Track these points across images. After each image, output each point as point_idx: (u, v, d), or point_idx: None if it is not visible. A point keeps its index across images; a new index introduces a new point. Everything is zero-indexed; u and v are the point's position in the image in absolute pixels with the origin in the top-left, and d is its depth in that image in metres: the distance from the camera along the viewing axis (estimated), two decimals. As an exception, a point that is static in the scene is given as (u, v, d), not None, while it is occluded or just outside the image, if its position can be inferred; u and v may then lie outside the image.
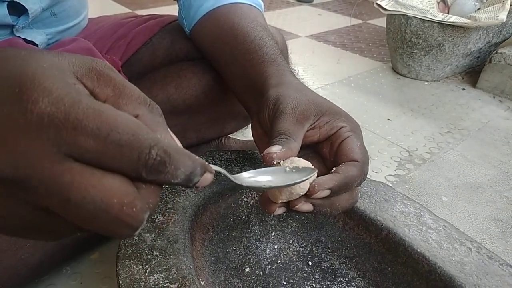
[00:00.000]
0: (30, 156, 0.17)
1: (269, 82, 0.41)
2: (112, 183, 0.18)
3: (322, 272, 0.47)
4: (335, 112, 0.38)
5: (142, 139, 0.18)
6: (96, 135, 0.17)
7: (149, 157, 0.19)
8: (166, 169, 0.19)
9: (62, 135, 0.17)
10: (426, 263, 0.40)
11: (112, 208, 0.18)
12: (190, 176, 0.21)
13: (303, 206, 0.33)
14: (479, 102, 1.21)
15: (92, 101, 0.18)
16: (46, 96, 0.17)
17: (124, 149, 0.18)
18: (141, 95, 0.22)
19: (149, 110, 0.22)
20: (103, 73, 0.21)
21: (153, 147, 0.19)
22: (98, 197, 0.17)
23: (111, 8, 1.98)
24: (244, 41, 0.47)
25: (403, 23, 1.25)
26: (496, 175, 0.87)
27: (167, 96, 0.58)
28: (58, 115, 0.17)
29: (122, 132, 0.18)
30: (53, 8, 0.56)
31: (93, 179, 0.18)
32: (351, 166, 0.34)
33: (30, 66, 0.18)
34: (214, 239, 0.46)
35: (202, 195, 0.44)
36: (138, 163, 0.18)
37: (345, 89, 1.25)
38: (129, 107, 0.21)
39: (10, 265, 0.44)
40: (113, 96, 0.21)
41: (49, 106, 0.17)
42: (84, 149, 0.17)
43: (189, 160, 0.20)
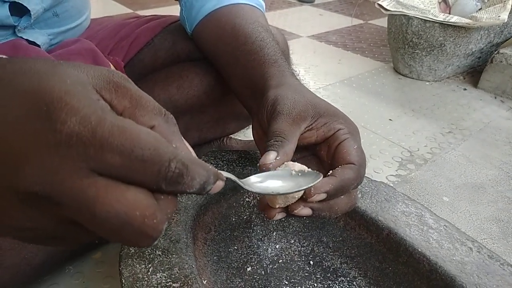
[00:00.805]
0: (59, 173, 0.18)
1: (270, 83, 0.41)
2: (135, 197, 0.19)
3: (323, 271, 0.47)
4: (333, 113, 0.38)
5: (162, 153, 0.19)
6: (121, 151, 0.18)
7: (168, 170, 0.20)
8: (184, 180, 0.20)
9: (89, 153, 0.18)
10: (427, 263, 0.40)
11: (135, 220, 0.19)
12: (204, 185, 0.22)
13: (302, 211, 0.33)
14: (481, 102, 1.21)
15: (115, 117, 0.19)
16: (73, 115, 0.18)
17: (146, 164, 0.19)
18: (156, 105, 0.23)
19: (164, 121, 0.23)
20: (120, 85, 0.22)
21: (172, 160, 0.20)
22: (122, 210, 0.18)
23: (113, 8, 1.99)
24: (246, 42, 0.47)
25: (404, 23, 1.25)
26: (498, 175, 0.87)
27: (169, 97, 0.58)
28: (85, 133, 0.18)
29: (144, 147, 0.19)
30: (55, 9, 0.56)
31: (117, 193, 0.19)
32: (348, 169, 0.34)
33: (55, 82, 0.19)
34: (216, 238, 0.46)
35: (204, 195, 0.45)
36: (158, 176, 0.19)
37: (346, 89, 1.25)
38: (145, 118, 0.22)
39: (14, 264, 0.45)
40: (130, 108, 0.22)
41: (77, 125, 0.18)
42: (109, 165, 0.18)
43: (204, 170, 0.21)
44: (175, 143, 0.22)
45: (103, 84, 0.21)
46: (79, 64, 0.21)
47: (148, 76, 0.61)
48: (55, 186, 0.18)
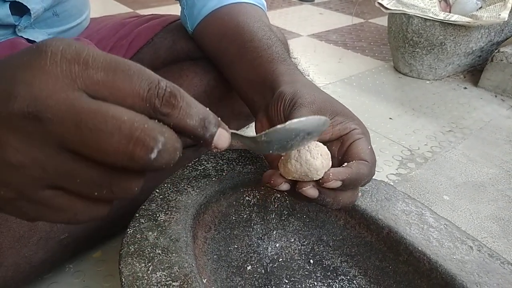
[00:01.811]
0: (47, 89, 0.18)
1: (282, 79, 0.42)
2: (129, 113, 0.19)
3: (323, 270, 0.47)
4: (348, 115, 0.39)
5: (149, 73, 0.20)
6: (106, 67, 0.19)
7: (159, 87, 0.19)
8: (179, 103, 0.20)
9: (74, 69, 0.19)
10: (427, 262, 0.40)
11: (124, 123, 0.18)
12: (205, 122, 0.21)
13: (309, 190, 0.33)
14: (481, 101, 1.20)
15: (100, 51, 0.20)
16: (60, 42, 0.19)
17: (133, 79, 0.19)
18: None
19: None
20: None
21: (161, 80, 0.20)
22: (109, 115, 0.18)
23: (113, 7, 1.99)
24: (252, 39, 0.47)
25: (404, 22, 1.24)
26: (498, 174, 0.87)
27: (168, 96, 0.58)
28: (70, 53, 0.19)
29: (130, 65, 0.19)
30: (55, 8, 0.56)
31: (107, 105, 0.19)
32: (362, 164, 0.35)
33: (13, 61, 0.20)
34: (216, 237, 0.46)
35: (203, 193, 0.45)
36: (149, 93, 0.19)
37: (346, 88, 1.25)
38: None
39: (14, 263, 0.45)
40: None
41: (61, 46, 0.19)
42: (95, 82, 0.19)
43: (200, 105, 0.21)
44: None
45: None
46: None
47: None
48: (43, 101, 0.18)
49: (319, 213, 0.49)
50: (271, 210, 0.49)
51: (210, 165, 0.49)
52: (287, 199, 0.50)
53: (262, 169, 0.49)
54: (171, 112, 0.20)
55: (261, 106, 0.43)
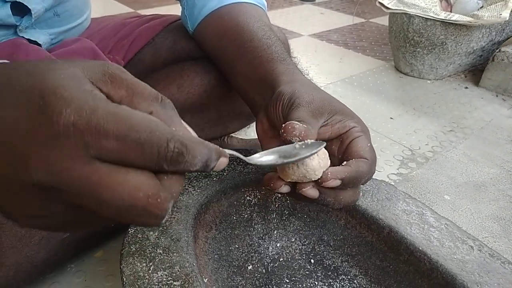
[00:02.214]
0: (62, 163, 0.19)
1: (281, 78, 0.42)
2: (137, 179, 0.20)
3: (324, 270, 0.47)
4: (347, 113, 0.38)
5: (159, 134, 0.20)
6: (117, 136, 0.19)
7: (167, 150, 0.20)
8: (185, 159, 0.21)
9: (87, 140, 0.19)
10: (428, 261, 0.40)
11: (139, 201, 0.20)
12: (207, 162, 0.22)
13: (309, 191, 0.34)
14: (482, 100, 1.20)
15: (109, 104, 0.20)
16: (68, 106, 0.19)
17: (144, 146, 0.20)
18: (152, 92, 0.23)
19: (161, 106, 0.23)
20: (115, 76, 0.22)
21: (170, 140, 0.20)
22: (125, 192, 0.19)
23: (114, 7, 1.99)
24: (252, 39, 0.47)
25: (405, 21, 1.24)
26: (499, 174, 0.87)
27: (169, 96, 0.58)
28: (81, 122, 0.19)
29: (140, 130, 0.19)
30: (56, 8, 0.56)
31: (119, 176, 0.19)
32: (362, 162, 0.35)
33: (49, 78, 0.19)
34: (217, 237, 0.46)
35: (205, 193, 0.45)
36: (158, 157, 0.20)
37: (347, 88, 1.25)
38: (143, 105, 0.22)
39: (16, 262, 0.45)
40: (127, 97, 0.22)
41: (72, 115, 0.18)
42: (108, 150, 0.19)
43: (205, 148, 0.22)
44: (174, 126, 0.23)
45: (98, 76, 0.22)
46: (74, 61, 0.22)
47: (148, 75, 0.61)
48: (60, 176, 0.19)
49: (320, 213, 0.49)
50: (272, 210, 0.50)
51: (211, 165, 0.49)
52: (287, 199, 0.50)
53: (263, 169, 0.49)
54: (177, 168, 0.21)
55: (261, 106, 0.43)
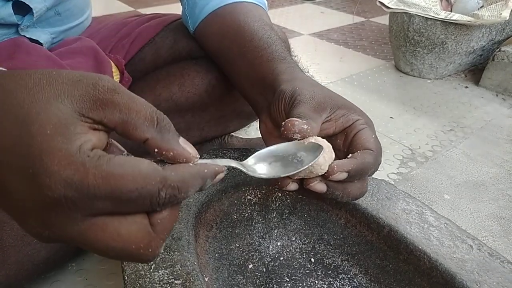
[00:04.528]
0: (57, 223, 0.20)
1: (281, 77, 0.42)
2: (130, 231, 0.21)
3: (324, 268, 0.47)
4: (350, 106, 0.38)
5: (150, 187, 0.21)
6: (109, 198, 0.20)
7: (159, 198, 0.21)
8: (178, 197, 0.22)
9: (80, 206, 0.20)
10: (427, 260, 0.40)
11: (132, 252, 0.22)
12: (202, 188, 0.24)
13: (317, 185, 0.34)
14: (482, 100, 1.20)
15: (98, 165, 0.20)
16: (57, 179, 0.19)
17: (136, 201, 0.21)
18: (147, 114, 0.23)
19: (157, 131, 0.23)
20: (107, 101, 0.22)
21: (161, 189, 0.21)
22: (118, 247, 0.21)
23: (115, 6, 1.99)
24: (252, 38, 0.47)
25: (405, 21, 1.24)
26: (499, 173, 0.87)
27: (170, 95, 0.58)
28: (72, 193, 0.19)
29: (131, 188, 0.20)
30: (57, 7, 0.56)
31: (113, 231, 0.21)
32: (367, 154, 0.35)
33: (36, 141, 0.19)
34: (217, 236, 0.46)
35: (205, 193, 0.45)
36: (151, 205, 0.21)
37: (347, 87, 1.25)
38: (137, 131, 0.22)
39: (17, 261, 0.45)
40: (121, 123, 0.22)
41: (62, 189, 0.19)
42: (101, 209, 0.20)
43: (198, 179, 0.23)
44: (171, 150, 0.23)
45: (89, 105, 0.21)
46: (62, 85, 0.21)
47: (149, 74, 0.61)
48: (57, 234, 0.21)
49: (320, 212, 0.49)
50: (272, 209, 0.50)
51: (211, 164, 0.49)
52: (288, 198, 0.50)
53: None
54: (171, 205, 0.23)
55: (264, 107, 0.43)
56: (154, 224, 0.22)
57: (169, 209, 0.23)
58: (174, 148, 0.23)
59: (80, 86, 0.21)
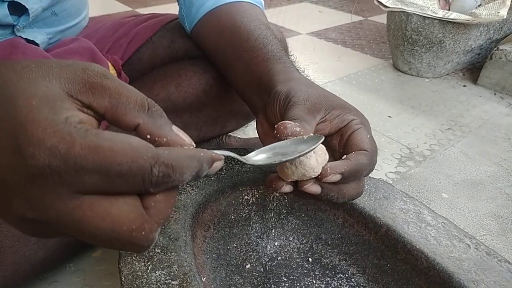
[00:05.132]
0: (44, 200, 0.19)
1: (277, 78, 0.42)
2: (120, 211, 0.19)
3: (322, 268, 0.47)
4: (345, 106, 0.38)
5: (142, 161, 0.19)
6: (97, 171, 0.18)
7: (152, 175, 0.20)
8: (171, 178, 0.20)
9: (66, 179, 0.18)
10: (425, 260, 0.40)
11: (123, 235, 0.20)
12: (198, 173, 0.22)
13: (311, 187, 0.34)
14: (480, 99, 1.21)
15: (87, 136, 0.19)
16: (41, 147, 0.18)
17: (127, 177, 0.19)
18: (138, 99, 0.22)
19: (148, 116, 0.22)
20: (97, 85, 0.21)
21: (154, 165, 0.20)
22: (108, 228, 0.19)
23: (112, 6, 1.98)
24: (248, 38, 0.47)
25: (403, 20, 1.24)
26: (497, 172, 0.87)
27: (167, 95, 0.58)
28: (57, 163, 0.18)
29: (121, 161, 0.19)
30: (53, 8, 0.56)
31: (102, 210, 0.19)
32: (362, 155, 0.35)
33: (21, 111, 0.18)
34: (215, 236, 0.46)
35: (203, 193, 0.45)
36: (143, 183, 0.20)
37: (345, 86, 1.25)
38: (128, 116, 0.21)
39: (14, 262, 0.45)
40: (111, 108, 0.21)
41: (47, 157, 0.18)
42: (89, 184, 0.19)
43: (194, 161, 0.21)
44: (164, 136, 0.22)
45: (78, 87, 0.20)
46: (51, 68, 0.21)
47: (146, 74, 0.61)
48: (43, 212, 0.19)
49: (317, 211, 0.49)
50: (270, 209, 0.50)
51: (209, 164, 0.49)
52: (285, 198, 0.50)
53: (261, 168, 0.49)
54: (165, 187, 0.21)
55: (260, 107, 0.43)
56: (147, 207, 0.21)
57: (164, 193, 0.21)
58: (168, 134, 0.22)
59: (70, 69, 0.21)
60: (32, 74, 0.20)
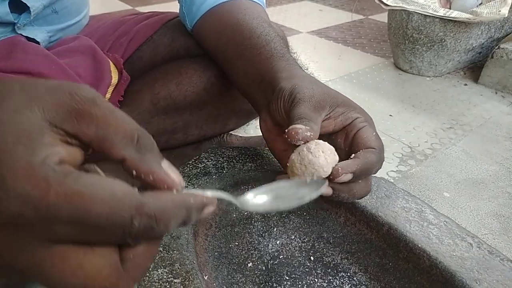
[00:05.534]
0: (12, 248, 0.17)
1: (280, 75, 0.42)
2: (94, 265, 0.18)
3: (324, 267, 0.47)
4: (349, 104, 0.38)
5: (123, 213, 0.18)
6: (72, 221, 0.17)
7: (132, 228, 0.18)
8: (155, 231, 0.19)
9: (37, 229, 0.17)
10: (427, 258, 0.40)
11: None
12: (186, 221, 0.20)
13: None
14: (481, 97, 1.20)
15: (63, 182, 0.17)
16: (12, 196, 0.16)
17: (105, 229, 0.18)
18: (127, 130, 0.20)
19: (137, 149, 0.20)
20: (84, 113, 0.19)
21: (135, 216, 0.18)
22: (79, 283, 0.18)
23: (112, 5, 1.98)
24: (251, 36, 0.47)
25: (404, 18, 1.24)
26: (498, 171, 0.87)
27: (168, 93, 0.58)
28: (28, 212, 0.17)
29: (101, 213, 0.17)
30: (54, 6, 0.56)
31: (74, 263, 0.18)
32: (370, 152, 0.35)
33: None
34: (217, 234, 0.46)
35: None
36: (123, 235, 0.18)
37: (346, 85, 1.25)
38: (115, 149, 0.20)
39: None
40: (97, 138, 0.20)
41: (18, 206, 0.16)
42: (62, 236, 0.17)
43: (182, 209, 0.20)
44: (151, 174, 0.20)
45: (63, 116, 0.19)
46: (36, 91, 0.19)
47: (147, 73, 0.60)
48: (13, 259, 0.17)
49: (319, 210, 0.49)
50: (272, 207, 0.50)
51: (210, 163, 0.49)
52: (287, 196, 0.50)
53: (262, 166, 0.49)
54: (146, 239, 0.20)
55: (263, 104, 0.43)
56: (125, 260, 0.19)
57: (145, 244, 0.20)
58: (155, 172, 0.20)
59: (55, 94, 0.19)
60: (14, 101, 0.19)
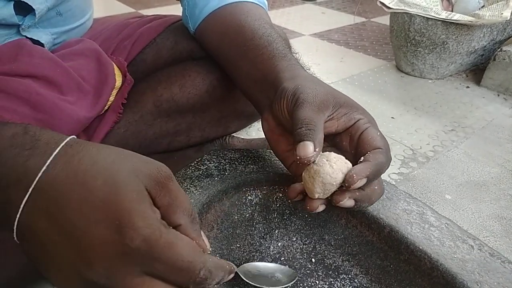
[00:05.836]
0: (120, 272, 0.23)
1: (282, 75, 0.42)
2: None
3: (325, 269, 0.47)
4: (352, 105, 0.39)
5: (196, 263, 0.24)
6: (167, 263, 0.24)
7: (198, 276, 0.25)
8: (207, 282, 0.25)
9: (145, 262, 0.24)
10: (428, 261, 0.40)
11: None
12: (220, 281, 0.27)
13: (346, 202, 0.35)
14: (483, 100, 1.20)
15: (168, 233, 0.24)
16: (140, 235, 0.23)
17: (183, 272, 0.24)
18: (187, 206, 0.27)
19: (190, 221, 0.27)
20: (165, 186, 0.26)
21: (202, 269, 0.25)
22: None
23: (116, 7, 1.99)
24: (253, 37, 0.48)
25: (406, 21, 1.24)
26: (500, 173, 0.87)
27: (171, 96, 0.59)
28: (146, 249, 0.23)
29: (184, 260, 0.24)
30: (58, 8, 0.56)
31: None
32: (378, 153, 0.35)
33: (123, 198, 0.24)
34: (218, 236, 0.46)
35: (206, 193, 0.45)
36: (189, 280, 0.25)
37: (348, 87, 1.25)
38: (176, 216, 0.26)
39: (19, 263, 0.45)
40: (167, 206, 0.26)
41: (141, 243, 0.23)
42: (156, 270, 0.24)
43: (222, 272, 0.26)
44: (196, 240, 0.27)
45: (152, 184, 0.26)
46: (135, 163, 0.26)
47: (150, 75, 0.61)
48: (115, 282, 0.23)
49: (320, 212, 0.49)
50: (273, 209, 0.50)
51: (212, 165, 0.49)
52: (289, 198, 0.50)
53: (264, 168, 0.49)
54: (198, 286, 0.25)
55: (266, 105, 0.44)
56: None
57: None
58: (198, 239, 0.28)
59: (148, 167, 0.26)
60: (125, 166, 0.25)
